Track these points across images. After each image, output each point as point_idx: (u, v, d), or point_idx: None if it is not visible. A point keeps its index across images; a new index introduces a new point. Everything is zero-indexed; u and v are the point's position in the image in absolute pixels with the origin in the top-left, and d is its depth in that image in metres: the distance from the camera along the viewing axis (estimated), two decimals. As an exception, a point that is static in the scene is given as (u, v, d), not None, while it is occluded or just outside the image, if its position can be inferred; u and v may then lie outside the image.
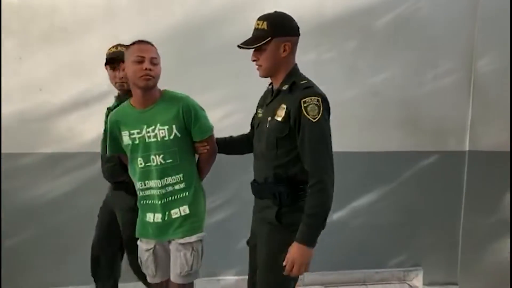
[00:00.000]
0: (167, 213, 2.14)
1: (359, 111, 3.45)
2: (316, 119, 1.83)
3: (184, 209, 2.15)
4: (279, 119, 1.91)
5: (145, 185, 2.15)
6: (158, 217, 2.15)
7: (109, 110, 2.45)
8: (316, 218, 1.85)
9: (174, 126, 2.10)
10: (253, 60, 1.96)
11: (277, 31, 1.90)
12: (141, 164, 2.12)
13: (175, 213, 2.15)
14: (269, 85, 2.12)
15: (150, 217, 2.17)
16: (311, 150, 1.85)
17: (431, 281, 3.68)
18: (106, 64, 2.48)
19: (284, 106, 1.91)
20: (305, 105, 1.84)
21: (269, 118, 1.96)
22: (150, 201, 2.17)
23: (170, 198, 2.14)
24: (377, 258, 3.62)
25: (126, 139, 2.13)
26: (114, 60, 2.42)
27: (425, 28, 3.47)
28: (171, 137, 2.10)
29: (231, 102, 3.12)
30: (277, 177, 1.95)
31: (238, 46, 1.94)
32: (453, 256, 3.68)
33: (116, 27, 3.07)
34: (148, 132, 2.10)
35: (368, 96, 3.47)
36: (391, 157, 3.54)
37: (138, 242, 2.25)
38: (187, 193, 2.16)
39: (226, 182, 3.21)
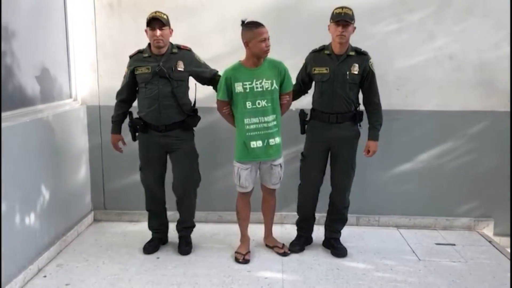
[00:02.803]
0: (266, 141, 2.97)
1: (436, 74, 3.73)
2: (374, 70, 3.09)
3: (276, 139, 3.00)
4: (356, 72, 3.05)
5: (250, 121, 2.95)
6: (260, 143, 2.96)
7: (130, 57, 3.11)
8: (382, 124, 3.16)
9: (274, 81, 2.95)
10: (343, 32, 2.95)
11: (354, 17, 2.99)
12: (249, 106, 2.94)
13: (272, 141, 2.97)
14: (314, 52, 3.14)
15: (254, 144, 2.96)
16: (376, 88, 3.13)
17: (501, 232, 3.89)
18: (148, 25, 2.93)
19: (356, 64, 3.05)
20: (370, 63, 3.08)
21: (348, 72, 3.04)
22: (255, 133, 2.96)
23: (268, 131, 2.97)
24: (448, 207, 3.92)
25: (239, 88, 2.95)
26: (151, 22, 2.94)
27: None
28: (272, 88, 2.95)
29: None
30: (353, 107, 3.12)
31: (342, 20, 2.93)
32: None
33: (225, 5, 3.68)
34: (257, 84, 2.93)
35: (444, 60, 3.71)
36: (467, 116, 3.78)
37: (238, 164, 3.05)
38: (277, 129, 3.00)
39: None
